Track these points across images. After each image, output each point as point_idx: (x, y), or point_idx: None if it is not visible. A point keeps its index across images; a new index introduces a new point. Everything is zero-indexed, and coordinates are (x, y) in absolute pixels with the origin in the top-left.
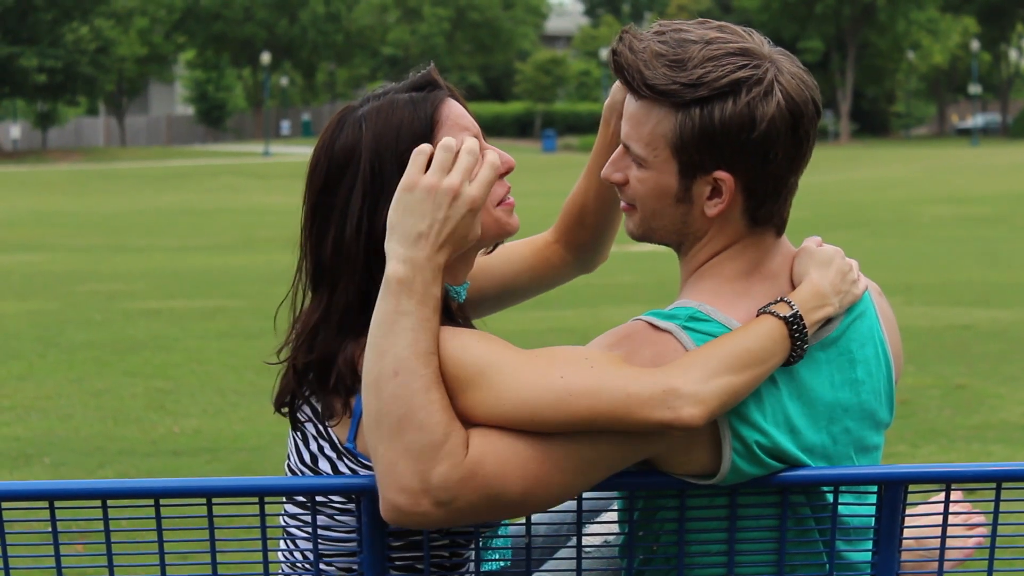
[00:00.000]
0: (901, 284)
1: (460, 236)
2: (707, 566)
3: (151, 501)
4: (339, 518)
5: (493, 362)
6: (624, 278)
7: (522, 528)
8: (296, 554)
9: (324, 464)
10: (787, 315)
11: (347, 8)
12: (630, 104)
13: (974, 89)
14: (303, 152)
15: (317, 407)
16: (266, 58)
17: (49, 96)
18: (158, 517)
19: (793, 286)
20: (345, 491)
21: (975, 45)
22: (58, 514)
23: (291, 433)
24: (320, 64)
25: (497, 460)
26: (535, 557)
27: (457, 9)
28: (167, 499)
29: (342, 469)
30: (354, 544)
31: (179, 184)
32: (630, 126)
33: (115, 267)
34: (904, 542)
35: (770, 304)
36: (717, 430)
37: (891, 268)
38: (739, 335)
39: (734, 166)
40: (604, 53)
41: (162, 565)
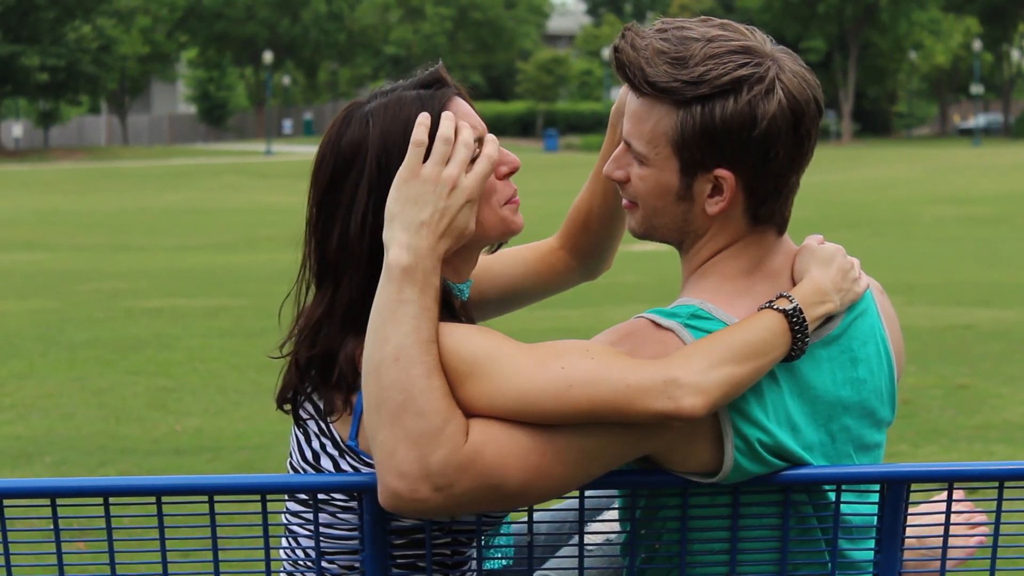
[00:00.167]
0: (903, 284)
1: (458, 227)
2: (709, 564)
3: (153, 499)
4: (341, 516)
5: (493, 354)
6: (626, 277)
7: (524, 526)
8: (298, 552)
9: (326, 462)
10: (787, 309)
11: (349, 7)
12: (632, 101)
13: (976, 89)
14: (305, 151)
15: (319, 404)
16: (268, 57)
17: (51, 95)
18: (160, 515)
19: (794, 284)
20: (347, 489)
21: (977, 45)
22: (60, 512)
23: (293, 430)
24: (322, 63)
25: (497, 449)
26: (537, 555)
27: (459, 8)
28: (169, 497)
29: (344, 467)
30: (356, 542)
31: (181, 183)
32: (632, 123)
33: (117, 266)
34: (906, 541)
35: (771, 300)
36: (719, 427)
37: (893, 268)
38: (739, 328)
39: (735, 164)
40: (606, 52)
41: (164, 563)
